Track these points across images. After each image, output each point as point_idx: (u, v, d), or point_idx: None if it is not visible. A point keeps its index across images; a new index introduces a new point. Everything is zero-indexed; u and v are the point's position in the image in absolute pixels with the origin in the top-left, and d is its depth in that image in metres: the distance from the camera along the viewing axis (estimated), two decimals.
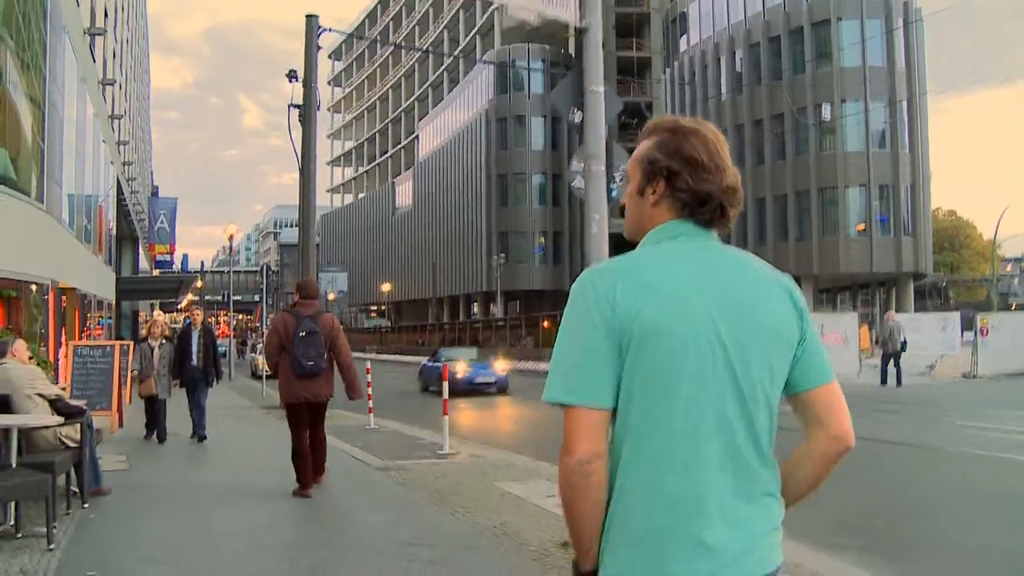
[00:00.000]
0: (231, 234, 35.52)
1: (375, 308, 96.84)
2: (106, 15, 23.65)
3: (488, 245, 62.69)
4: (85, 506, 6.94)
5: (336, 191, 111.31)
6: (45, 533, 5.60)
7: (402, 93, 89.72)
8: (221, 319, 67.64)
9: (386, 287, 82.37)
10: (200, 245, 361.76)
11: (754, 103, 47.44)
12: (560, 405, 1.60)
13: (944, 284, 78.33)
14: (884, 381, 21.75)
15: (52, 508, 5.64)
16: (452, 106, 72.48)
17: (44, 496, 5.56)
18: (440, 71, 79.21)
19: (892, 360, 21.85)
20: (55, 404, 6.73)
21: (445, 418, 10.44)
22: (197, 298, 47.25)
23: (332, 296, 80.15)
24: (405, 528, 6.32)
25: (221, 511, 7.17)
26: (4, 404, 6.45)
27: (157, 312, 29.32)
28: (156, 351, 11.99)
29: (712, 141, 1.73)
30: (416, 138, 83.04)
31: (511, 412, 18.59)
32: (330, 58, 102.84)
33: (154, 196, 46.64)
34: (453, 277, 69.68)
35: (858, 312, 33.19)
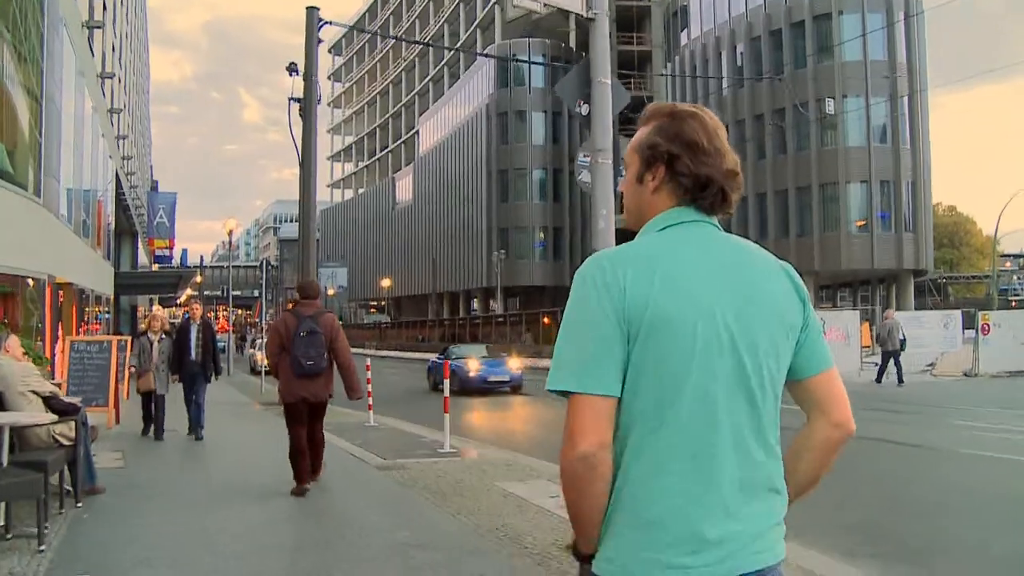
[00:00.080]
0: (230, 229, 35.40)
1: (375, 304, 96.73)
2: (104, 8, 23.47)
3: (488, 241, 62.57)
4: (79, 505, 6.78)
5: (336, 186, 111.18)
6: (36, 534, 5.46)
7: (402, 88, 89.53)
8: (220, 314, 67.48)
9: (386, 283, 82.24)
10: (200, 240, 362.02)
11: (755, 97, 47.26)
12: (566, 393, 1.56)
13: (943, 281, 78.29)
14: (880, 379, 21.69)
15: (44, 508, 5.51)
16: (452, 101, 72.30)
17: (36, 496, 5.43)
18: (440, 66, 79.04)
19: (892, 358, 21.79)
20: (49, 401, 6.60)
21: (446, 416, 10.33)
22: (196, 293, 47.14)
23: (332, 291, 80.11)
24: (406, 530, 6.19)
25: (219, 510, 7.05)
26: None
27: (156, 306, 29.29)
28: (155, 345, 11.84)
29: (711, 125, 1.73)
30: (416, 133, 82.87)
31: (519, 411, 18.11)
32: (330, 53, 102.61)
33: (153, 191, 46.49)
34: (453, 273, 69.56)
35: (859, 309, 33.09)
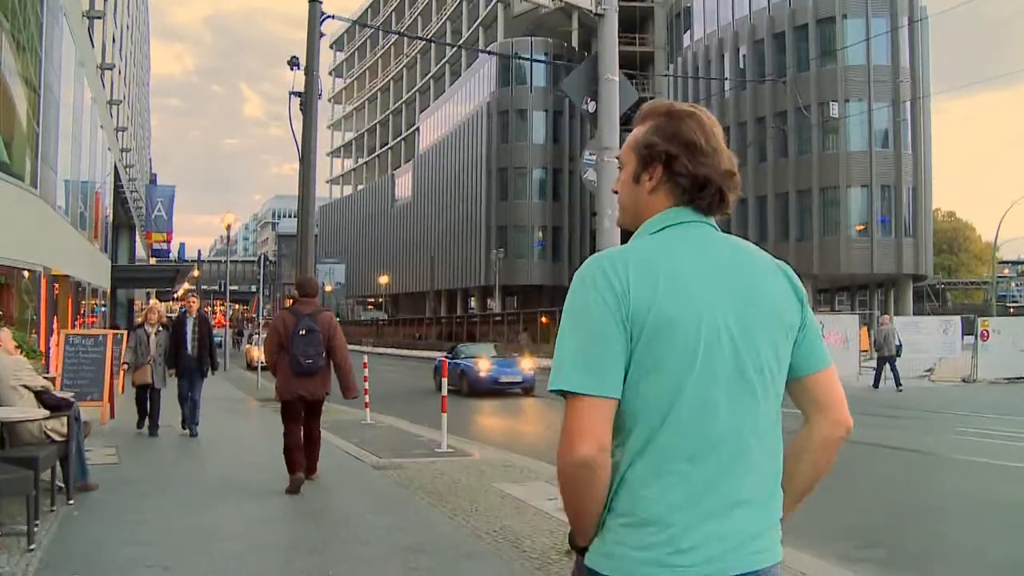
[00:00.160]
0: (229, 223, 35.23)
1: (372, 300, 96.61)
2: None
3: (487, 239, 62.41)
4: (70, 502, 6.66)
5: (335, 182, 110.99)
6: (26, 532, 5.34)
7: (403, 85, 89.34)
8: (218, 309, 67.33)
9: (384, 280, 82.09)
10: (198, 234, 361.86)
11: (757, 100, 47.15)
12: (567, 394, 1.54)
13: (942, 287, 78.29)
14: (877, 384, 21.63)
15: (35, 506, 5.39)
16: (453, 98, 72.13)
17: (26, 494, 5.31)
18: (442, 63, 78.88)
19: (888, 364, 21.75)
20: (41, 396, 6.49)
21: (443, 416, 10.23)
22: (194, 287, 46.99)
23: (329, 288, 79.97)
24: (404, 532, 6.09)
25: (214, 508, 6.94)
26: None
27: (154, 300, 29.12)
28: (152, 338, 11.69)
29: (708, 124, 1.72)
30: (417, 130, 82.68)
31: (522, 412, 17.78)
32: (332, 48, 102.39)
33: (152, 183, 46.36)
34: (451, 271, 69.41)
35: (858, 313, 33.05)
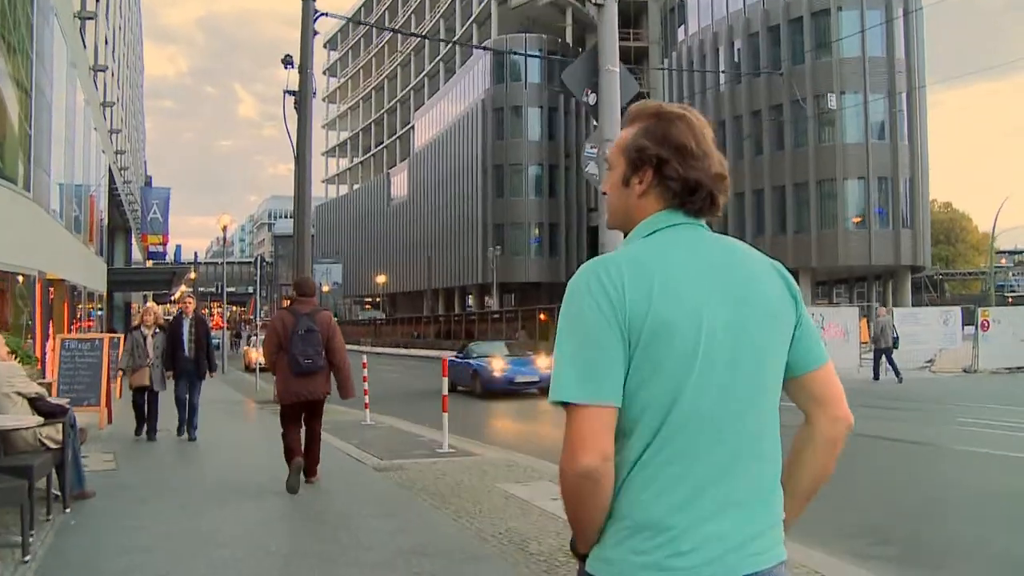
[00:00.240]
0: (225, 224, 35.10)
1: (370, 300, 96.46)
2: (97, 0, 23.17)
3: (484, 237, 62.30)
4: (67, 511, 6.53)
5: (331, 182, 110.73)
6: (20, 543, 5.21)
7: (398, 83, 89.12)
8: (215, 311, 67.17)
9: (381, 279, 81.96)
10: (194, 236, 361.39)
11: (752, 93, 47.02)
12: (568, 404, 1.52)
13: (940, 278, 78.28)
14: (877, 376, 21.58)
15: (29, 515, 5.27)
16: (448, 96, 71.96)
17: (20, 504, 5.19)
18: (436, 61, 78.69)
19: (884, 356, 21.69)
20: (35, 403, 6.36)
21: (444, 415, 10.12)
22: (191, 289, 46.82)
23: (327, 288, 79.83)
24: (407, 535, 5.98)
25: (213, 512, 6.84)
26: None
27: (151, 302, 28.97)
28: (149, 340, 11.53)
29: (698, 127, 1.70)
30: (412, 128, 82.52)
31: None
32: (325, 47, 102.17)
33: (147, 186, 46.19)
34: (448, 269, 69.29)
35: (858, 306, 32.99)
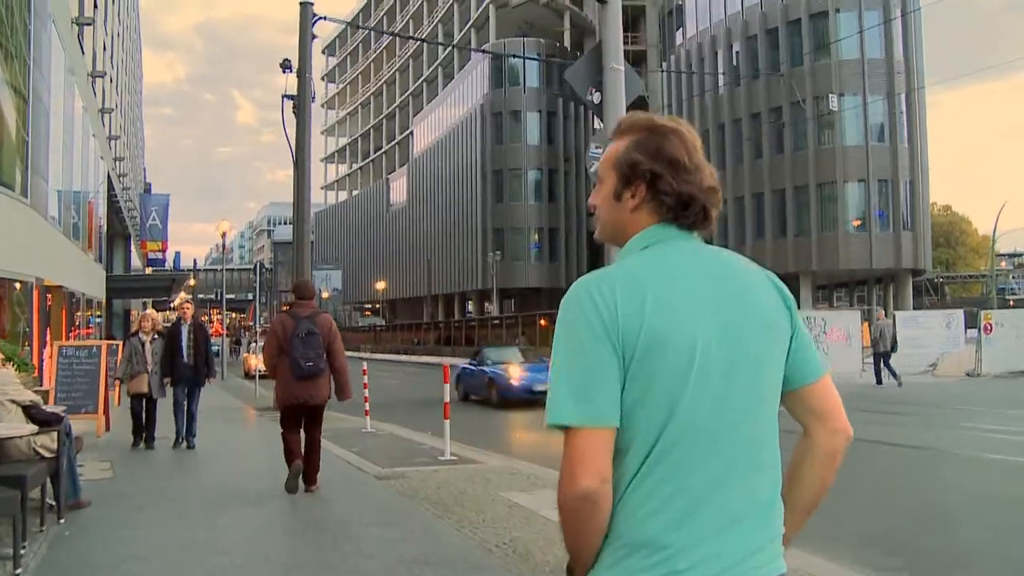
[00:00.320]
0: (224, 231, 35.04)
1: (369, 306, 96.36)
2: (96, 6, 23.12)
3: (483, 242, 62.21)
4: (61, 521, 6.40)
5: (330, 188, 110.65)
6: (12, 555, 5.07)
7: (396, 89, 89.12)
8: (215, 317, 67.05)
9: (380, 285, 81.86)
10: (193, 242, 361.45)
11: (752, 96, 46.96)
12: (567, 428, 1.49)
13: (940, 281, 78.26)
14: (879, 381, 21.48)
15: (22, 527, 5.14)
16: (447, 101, 71.92)
17: (12, 514, 5.06)
18: (434, 66, 78.67)
19: (883, 360, 21.63)
20: (29, 411, 6.24)
21: (446, 423, 9.99)
22: (190, 296, 46.70)
23: (326, 294, 79.70)
24: (410, 544, 5.87)
25: (211, 522, 6.71)
26: None
27: (150, 309, 28.85)
28: (148, 346, 11.38)
29: (690, 140, 1.68)
30: (410, 134, 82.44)
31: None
32: (324, 53, 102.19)
33: (146, 192, 46.12)
34: (448, 275, 69.19)
35: (860, 309, 32.90)
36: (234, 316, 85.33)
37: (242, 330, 70.78)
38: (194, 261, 66.93)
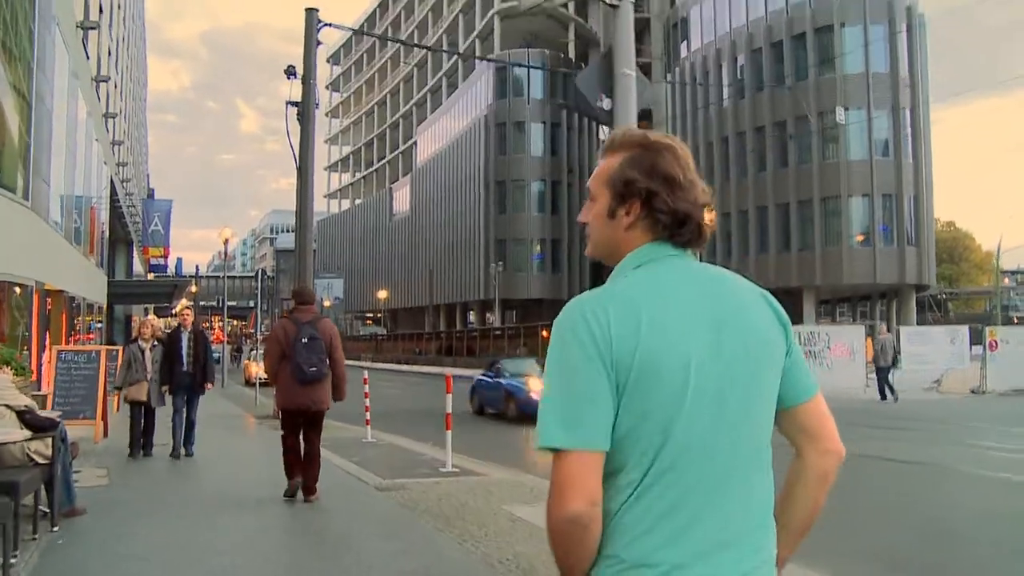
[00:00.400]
0: (226, 238, 34.94)
1: (371, 315, 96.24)
2: (101, 11, 23.09)
3: (486, 253, 62.11)
4: (55, 529, 6.26)
5: (333, 196, 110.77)
6: (2, 564, 4.95)
7: (400, 98, 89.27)
8: (216, 324, 66.96)
9: (382, 294, 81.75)
10: (195, 249, 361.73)
11: (756, 110, 46.88)
12: (557, 450, 1.47)
13: (943, 297, 78.11)
14: (884, 396, 21.37)
15: (13, 535, 5.02)
16: (451, 112, 71.97)
17: (3, 522, 4.93)
18: (439, 76, 78.78)
19: (883, 374, 21.58)
20: (24, 416, 6.12)
21: (448, 434, 9.86)
22: (191, 303, 46.65)
23: (328, 303, 79.65)
24: (410, 557, 5.74)
25: (208, 532, 6.59)
26: None
27: (151, 315, 28.75)
28: (147, 354, 11.24)
29: (683, 157, 1.66)
30: (414, 144, 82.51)
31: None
32: (328, 62, 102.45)
33: (149, 198, 46.08)
34: (450, 285, 69.08)
35: (864, 324, 32.78)
36: (236, 323, 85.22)
37: (243, 337, 70.71)
38: (196, 267, 67.07)
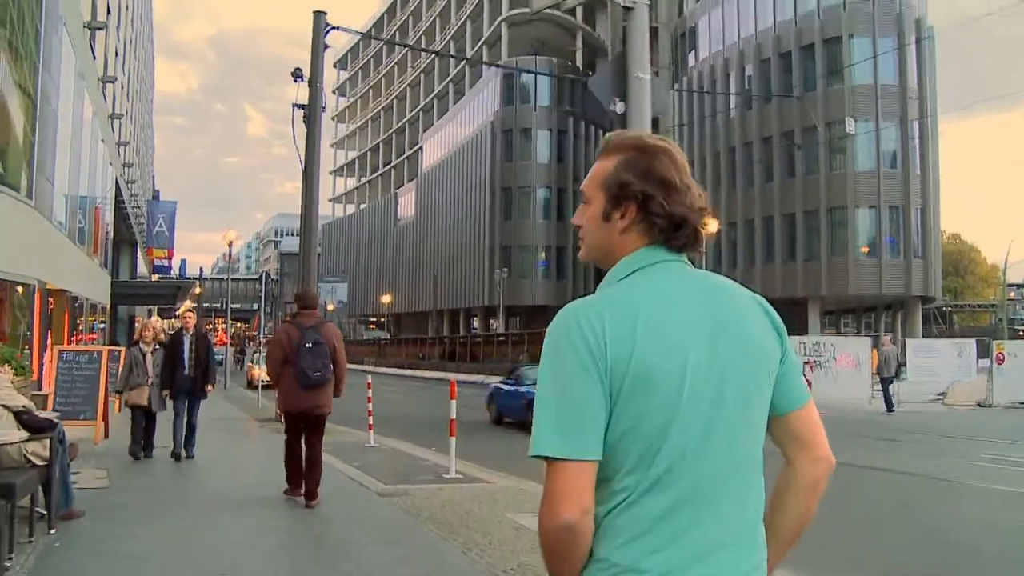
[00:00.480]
0: (231, 240, 34.92)
1: (374, 320, 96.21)
2: (108, 12, 23.09)
3: (490, 259, 62.08)
4: (52, 532, 6.16)
5: (338, 201, 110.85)
6: None
7: (407, 104, 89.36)
8: (219, 327, 66.91)
9: (386, 299, 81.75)
10: (199, 251, 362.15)
11: (763, 119, 46.79)
12: (550, 459, 1.46)
13: (949, 309, 77.95)
14: (891, 408, 21.23)
15: (9, 538, 4.93)
16: (457, 118, 72.03)
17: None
18: (446, 82, 78.85)
19: (885, 385, 21.52)
20: (21, 416, 6.03)
21: (452, 440, 9.75)
22: (195, 305, 46.59)
23: (331, 307, 79.61)
24: (412, 565, 5.64)
25: (208, 535, 6.50)
26: None
27: (155, 316, 28.71)
28: (149, 356, 11.12)
29: (679, 160, 1.65)
30: (420, 149, 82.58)
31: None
32: (335, 67, 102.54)
33: (154, 199, 46.11)
34: (454, 290, 69.05)
35: (870, 336, 32.67)
36: (239, 325, 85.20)
37: (246, 340, 70.65)
38: (200, 270, 67.01)
